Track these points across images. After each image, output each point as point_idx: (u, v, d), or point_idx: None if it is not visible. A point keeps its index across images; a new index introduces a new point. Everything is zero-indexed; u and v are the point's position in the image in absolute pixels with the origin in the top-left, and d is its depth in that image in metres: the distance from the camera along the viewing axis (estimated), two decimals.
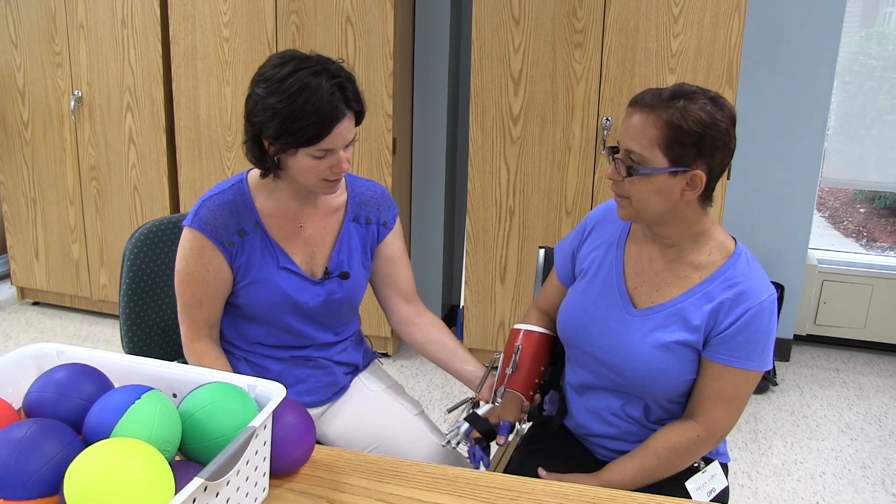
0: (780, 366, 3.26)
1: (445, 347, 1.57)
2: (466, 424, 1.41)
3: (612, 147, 1.27)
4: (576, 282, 1.44)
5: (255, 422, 0.98)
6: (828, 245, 3.65)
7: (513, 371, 1.43)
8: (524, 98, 2.76)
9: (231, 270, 1.43)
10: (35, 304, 3.72)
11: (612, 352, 1.32)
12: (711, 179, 1.22)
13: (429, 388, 2.98)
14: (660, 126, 1.18)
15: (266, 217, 1.44)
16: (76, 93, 3.24)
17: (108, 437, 0.94)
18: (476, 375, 1.52)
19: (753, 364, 1.25)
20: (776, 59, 3.02)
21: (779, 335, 3.27)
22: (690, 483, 1.34)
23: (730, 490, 1.44)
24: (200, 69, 3.05)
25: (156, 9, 3.04)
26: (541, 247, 1.70)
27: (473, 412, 1.42)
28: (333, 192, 1.45)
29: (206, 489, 0.89)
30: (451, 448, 1.48)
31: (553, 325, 1.49)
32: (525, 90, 2.75)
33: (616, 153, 1.25)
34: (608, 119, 2.68)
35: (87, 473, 0.84)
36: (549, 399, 1.54)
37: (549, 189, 2.82)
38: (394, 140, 2.92)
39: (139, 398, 0.97)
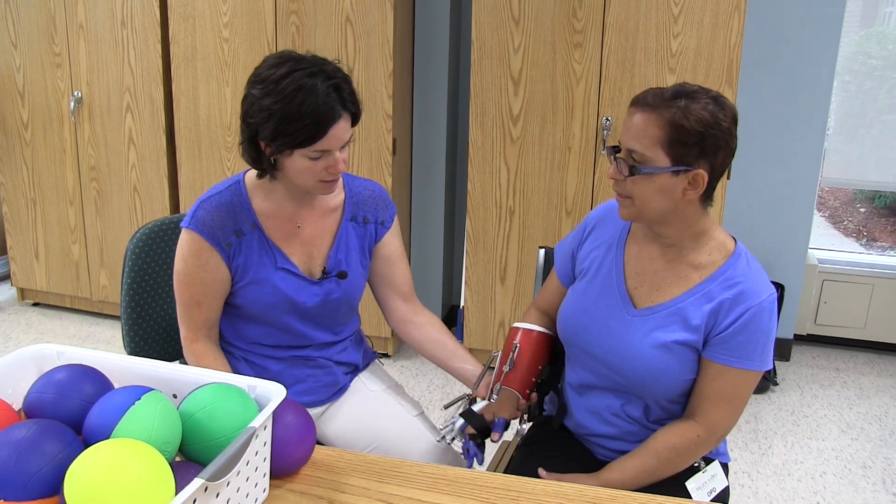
0: (781, 365, 3.26)
1: (444, 346, 1.57)
2: (461, 420, 1.41)
3: (614, 147, 1.27)
4: (576, 282, 1.44)
5: (256, 422, 0.98)
6: (828, 245, 3.64)
7: (510, 369, 1.44)
8: (524, 98, 2.76)
9: (229, 271, 1.43)
10: (35, 305, 3.72)
11: (612, 351, 1.32)
12: (713, 179, 1.22)
13: (429, 389, 2.98)
14: (662, 125, 1.18)
15: (263, 217, 1.44)
16: (76, 93, 3.24)
17: (109, 438, 0.94)
18: (474, 374, 1.52)
19: (753, 364, 1.25)
20: (776, 59, 3.02)
21: (779, 335, 3.27)
22: (691, 483, 1.34)
23: (730, 490, 1.44)
24: (200, 70, 3.05)
25: (155, 9, 3.04)
26: (541, 247, 1.70)
27: (469, 408, 1.42)
28: (330, 193, 1.45)
29: (207, 490, 0.89)
30: (447, 443, 1.48)
31: (552, 325, 1.49)
32: (525, 90, 2.75)
33: (617, 153, 1.25)
34: (608, 119, 2.68)
35: (88, 474, 0.84)
36: (550, 399, 1.54)
37: (549, 189, 2.82)
38: (394, 140, 2.92)
39: (139, 399, 0.97)
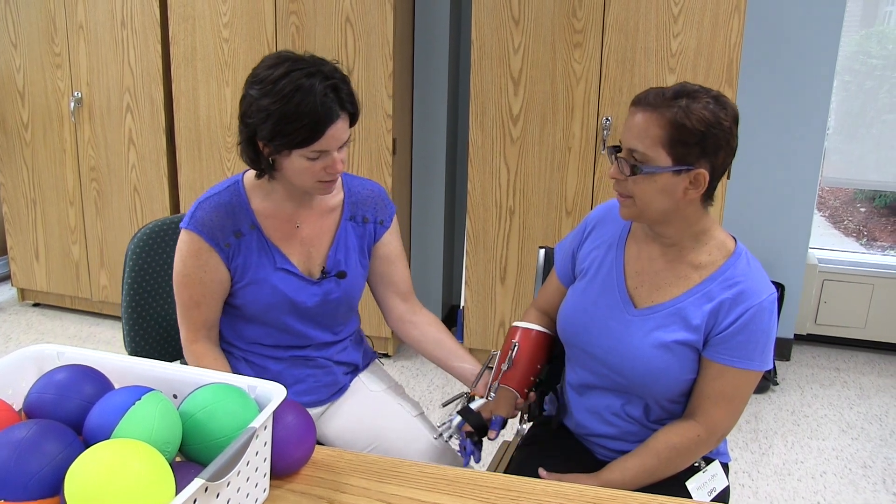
0: (781, 365, 3.26)
1: (442, 345, 1.57)
2: (459, 418, 1.41)
3: (615, 146, 1.27)
4: (576, 281, 1.44)
5: (256, 422, 0.98)
6: (828, 244, 3.64)
7: (508, 367, 1.44)
8: (524, 98, 2.76)
9: (228, 271, 1.43)
10: (35, 306, 3.72)
11: (613, 351, 1.32)
12: (714, 178, 1.22)
13: (429, 389, 2.97)
14: (663, 125, 1.18)
15: (262, 218, 1.44)
16: (76, 94, 3.24)
17: (109, 438, 0.94)
18: (473, 373, 1.52)
19: (754, 364, 1.25)
20: (776, 59, 3.02)
21: (779, 335, 3.27)
22: (691, 483, 1.34)
23: (730, 490, 1.43)
24: (200, 70, 3.05)
25: (155, 10, 3.04)
26: (541, 247, 1.70)
27: (466, 406, 1.42)
28: (329, 193, 1.45)
29: (207, 490, 0.89)
30: (444, 440, 1.48)
31: (552, 325, 1.49)
32: (525, 90, 2.75)
33: (618, 152, 1.25)
34: (608, 119, 2.68)
35: (88, 474, 0.84)
36: (550, 399, 1.54)
37: (549, 189, 2.82)
38: (394, 140, 2.92)
39: (139, 399, 0.97)
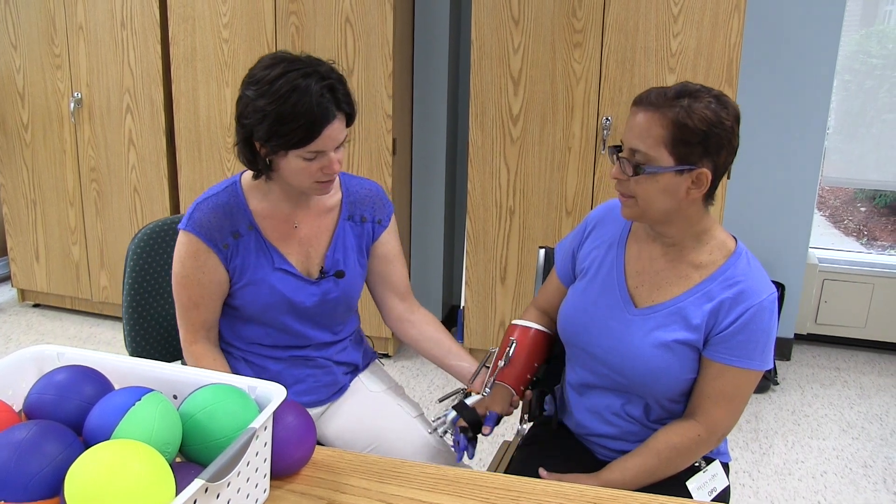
0: (781, 365, 3.26)
1: (440, 344, 1.58)
2: (454, 413, 1.41)
3: (616, 146, 1.27)
4: (576, 281, 1.44)
5: (256, 423, 0.98)
6: (828, 244, 3.64)
7: (505, 364, 1.44)
8: (524, 98, 2.75)
9: (227, 272, 1.43)
10: (35, 306, 3.72)
11: (613, 351, 1.32)
12: (716, 178, 1.22)
13: (430, 389, 2.97)
14: (665, 125, 1.18)
15: (260, 218, 1.44)
16: (76, 94, 3.24)
17: (109, 439, 0.94)
18: (470, 371, 1.53)
19: (754, 363, 1.25)
20: (776, 59, 3.02)
21: (779, 334, 3.27)
22: (691, 483, 1.34)
23: (731, 489, 1.43)
24: (200, 71, 3.05)
25: (155, 10, 3.04)
26: (541, 247, 1.70)
27: (462, 401, 1.43)
28: (326, 194, 1.45)
29: (207, 490, 0.89)
30: (439, 436, 1.48)
31: (551, 324, 1.49)
32: (525, 90, 2.75)
33: (619, 152, 1.25)
34: (608, 119, 2.68)
35: (88, 475, 0.84)
36: (549, 400, 1.54)
37: (549, 189, 2.82)
38: (394, 140, 2.92)
39: (139, 400, 0.97)
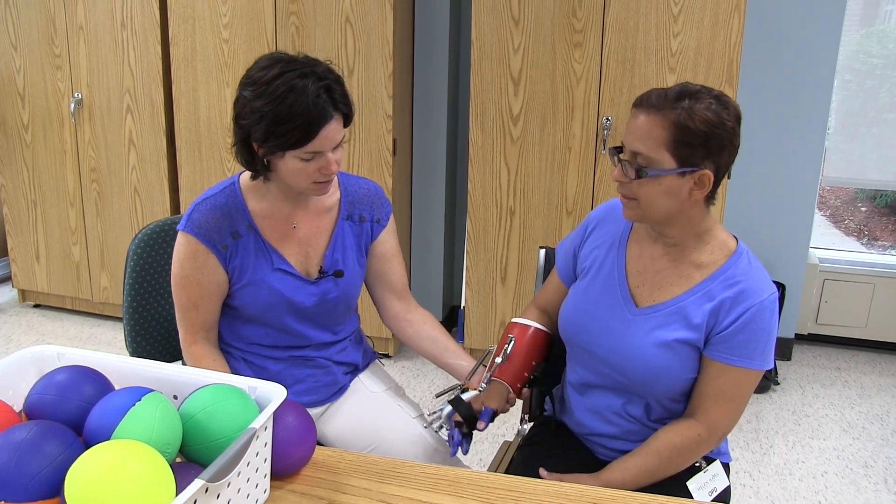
0: (782, 365, 3.26)
1: (437, 342, 1.58)
2: (449, 407, 1.42)
3: (617, 147, 1.26)
4: (577, 281, 1.44)
5: (256, 423, 0.98)
6: (829, 244, 3.64)
7: (503, 361, 1.44)
8: (524, 98, 2.75)
9: (226, 273, 1.43)
10: (36, 307, 3.72)
11: (614, 351, 1.32)
12: (718, 178, 1.22)
13: (430, 389, 2.97)
14: (667, 127, 1.17)
15: (259, 219, 1.44)
16: (76, 95, 3.24)
17: (109, 439, 0.94)
18: (468, 369, 1.53)
19: (754, 363, 1.25)
20: (776, 58, 3.02)
21: (780, 334, 3.26)
22: (692, 483, 1.34)
23: (731, 490, 1.43)
24: (200, 71, 3.05)
25: (155, 11, 3.04)
26: (541, 247, 1.70)
27: (458, 396, 1.43)
28: (324, 194, 1.45)
29: (207, 491, 0.89)
30: (434, 430, 1.48)
31: (551, 323, 1.49)
32: (525, 90, 2.75)
33: (620, 153, 1.25)
34: (608, 119, 2.68)
35: (88, 475, 0.84)
36: (549, 400, 1.54)
37: (550, 189, 2.82)
38: (394, 141, 2.92)
39: (140, 400, 0.97)
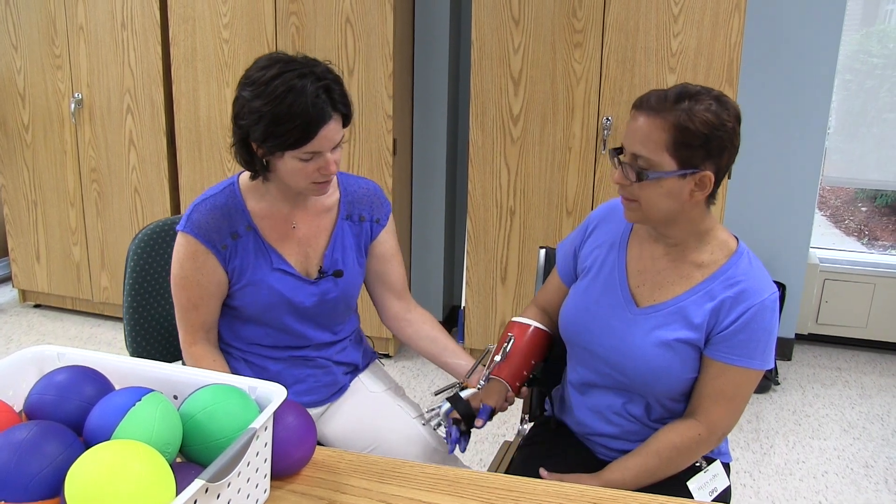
0: (782, 365, 3.26)
1: (436, 342, 1.58)
2: (447, 404, 1.42)
3: (616, 149, 1.26)
4: (578, 280, 1.44)
5: (256, 423, 0.98)
6: (829, 244, 3.64)
7: (502, 359, 1.44)
8: (524, 98, 2.75)
9: (226, 273, 1.43)
10: (36, 307, 3.72)
11: (615, 350, 1.32)
12: (718, 179, 1.22)
13: (430, 389, 2.97)
14: (667, 129, 1.17)
15: (258, 219, 1.44)
16: (76, 95, 3.24)
17: (109, 439, 0.94)
18: (466, 368, 1.53)
19: (754, 362, 1.25)
20: (776, 58, 3.02)
21: (780, 334, 3.26)
22: (692, 483, 1.34)
23: (732, 490, 1.43)
24: (200, 71, 3.05)
25: (155, 11, 3.04)
26: (542, 247, 1.70)
27: (456, 394, 1.43)
28: (323, 194, 1.45)
29: (207, 491, 0.89)
30: (432, 427, 1.48)
31: (551, 323, 1.49)
32: (525, 90, 2.75)
33: (620, 154, 1.25)
34: (608, 119, 2.68)
35: (88, 475, 0.84)
36: (549, 400, 1.54)
37: (550, 189, 2.81)
38: (394, 141, 2.92)
39: (140, 400, 0.97)
